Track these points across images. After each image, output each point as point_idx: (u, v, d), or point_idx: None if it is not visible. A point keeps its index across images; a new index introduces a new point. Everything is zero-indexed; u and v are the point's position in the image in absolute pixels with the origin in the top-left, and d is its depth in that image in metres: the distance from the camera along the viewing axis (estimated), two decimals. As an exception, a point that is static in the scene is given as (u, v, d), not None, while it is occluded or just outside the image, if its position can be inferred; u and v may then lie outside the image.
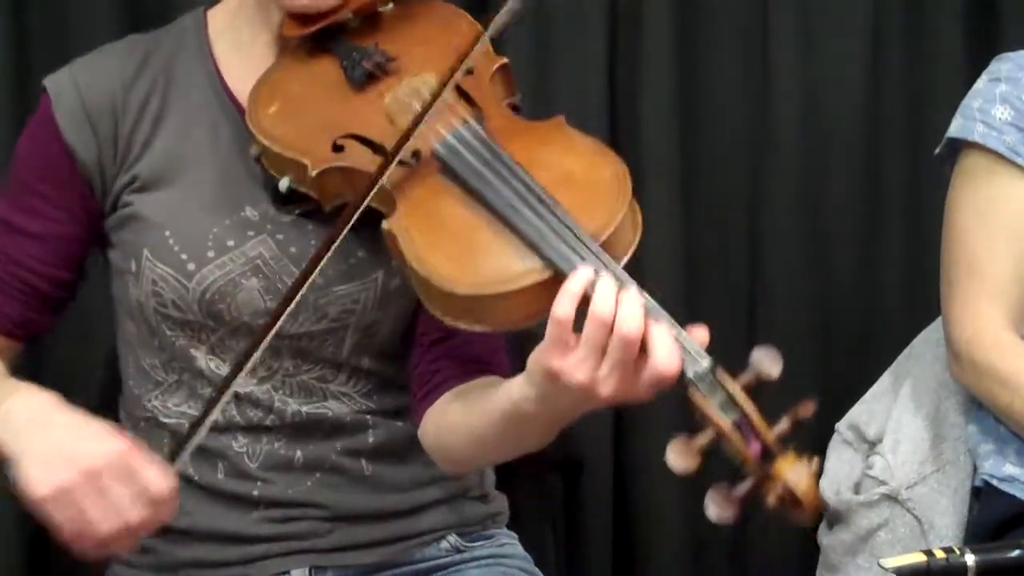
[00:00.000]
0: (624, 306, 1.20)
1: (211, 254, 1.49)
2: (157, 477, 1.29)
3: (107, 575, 1.64)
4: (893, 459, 1.85)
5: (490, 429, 1.39)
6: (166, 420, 1.56)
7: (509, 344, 1.53)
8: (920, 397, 1.88)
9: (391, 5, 1.52)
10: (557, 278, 1.25)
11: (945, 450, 1.84)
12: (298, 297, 1.35)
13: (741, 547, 2.38)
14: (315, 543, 1.57)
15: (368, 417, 1.58)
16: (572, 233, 1.27)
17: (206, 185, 1.51)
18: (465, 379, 1.49)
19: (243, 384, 1.52)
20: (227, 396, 1.37)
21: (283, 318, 1.35)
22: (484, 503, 1.68)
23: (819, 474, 1.20)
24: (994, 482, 1.79)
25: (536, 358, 1.25)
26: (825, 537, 1.92)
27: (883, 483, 1.84)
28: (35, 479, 1.29)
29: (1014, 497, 1.77)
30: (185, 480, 1.55)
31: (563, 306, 1.21)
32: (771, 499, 1.18)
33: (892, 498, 1.83)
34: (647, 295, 1.23)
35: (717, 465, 2.36)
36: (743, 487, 1.19)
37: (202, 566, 1.57)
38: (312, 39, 1.50)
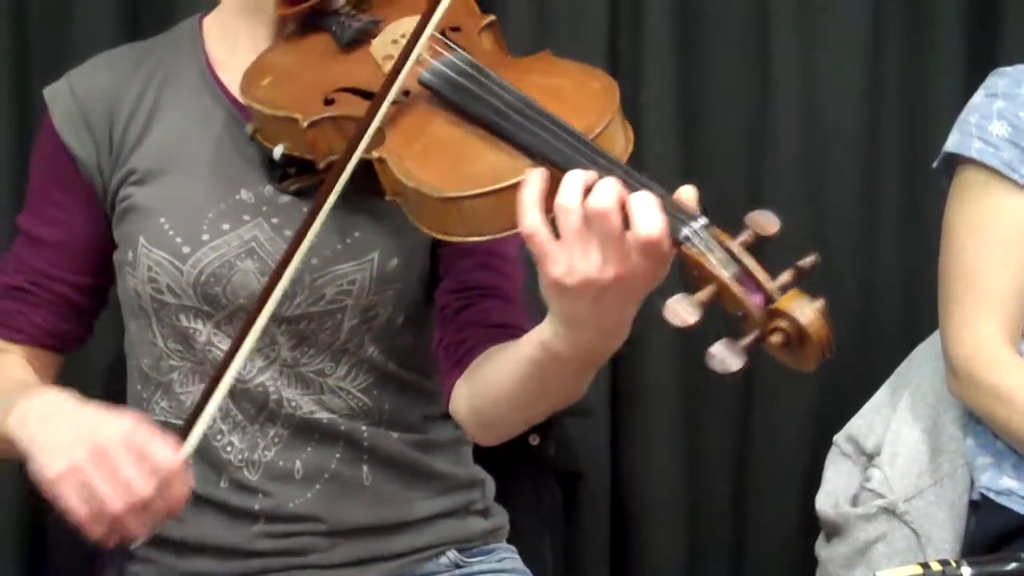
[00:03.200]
0: (598, 188, 1.17)
1: (206, 237, 1.50)
2: (167, 451, 1.30)
3: (107, 582, 1.65)
4: (891, 472, 1.85)
5: (525, 382, 1.36)
6: (176, 421, 1.55)
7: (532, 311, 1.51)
8: (918, 410, 1.88)
9: None
10: (548, 175, 1.23)
11: (943, 463, 1.84)
12: (303, 246, 1.35)
13: (740, 559, 2.38)
14: (314, 559, 1.56)
15: (363, 428, 1.57)
16: (563, 128, 1.26)
17: (200, 173, 1.53)
18: (491, 345, 1.47)
19: (242, 371, 1.53)
20: (234, 367, 1.36)
21: (288, 270, 1.35)
22: (485, 518, 1.67)
23: (826, 313, 1.13)
24: (991, 495, 1.79)
25: (542, 282, 1.22)
26: (823, 550, 1.92)
27: (881, 496, 1.84)
28: (47, 462, 1.31)
29: (1011, 511, 1.77)
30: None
31: (528, 219, 1.19)
32: (775, 338, 1.12)
33: (890, 511, 1.83)
34: (634, 173, 1.20)
35: (714, 468, 2.36)
36: (748, 338, 1.13)
37: (200, 578, 1.57)
38: (305, 23, 1.52)
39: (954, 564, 1.24)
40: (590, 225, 1.16)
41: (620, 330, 1.26)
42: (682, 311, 1.12)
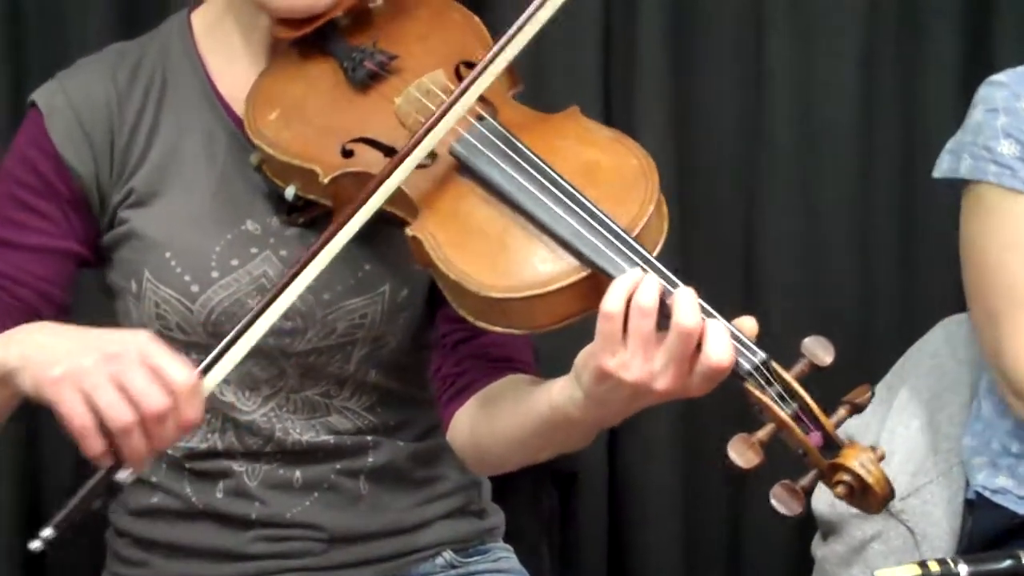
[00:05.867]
0: (680, 300, 1.17)
1: (215, 274, 1.46)
2: (183, 370, 1.21)
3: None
4: (887, 470, 1.85)
5: (532, 433, 1.35)
6: (173, 453, 1.55)
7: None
8: (914, 409, 1.88)
9: (380, 1, 1.50)
10: (595, 276, 1.23)
11: (938, 462, 1.84)
12: (298, 282, 1.30)
13: (736, 559, 2.39)
14: (309, 562, 1.56)
15: (369, 438, 1.57)
16: (606, 227, 1.24)
17: (204, 198, 1.48)
18: (493, 379, 1.46)
19: (245, 412, 1.52)
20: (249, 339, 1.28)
21: (277, 301, 1.30)
22: (481, 519, 1.67)
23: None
24: (987, 494, 1.79)
25: (585, 360, 1.22)
26: (819, 549, 1.92)
27: (877, 494, 1.84)
28: (47, 364, 1.21)
29: (1007, 509, 1.77)
30: (182, 501, 1.56)
31: (614, 301, 1.18)
32: (840, 489, 1.17)
33: (886, 509, 1.83)
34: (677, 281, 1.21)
35: (713, 473, 2.37)
36: (808, 478, 1.17)
37: (196, 581, 1.57)
38: (306, 39, 1.47)
39: (952, 564, 1.24)
40: (669, 339, 1.17)
41: (640, 408, 1.27)
42: (745, 453, 1.16)
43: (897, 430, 1.87)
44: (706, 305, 1.20)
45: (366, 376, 1.55)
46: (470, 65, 1.41)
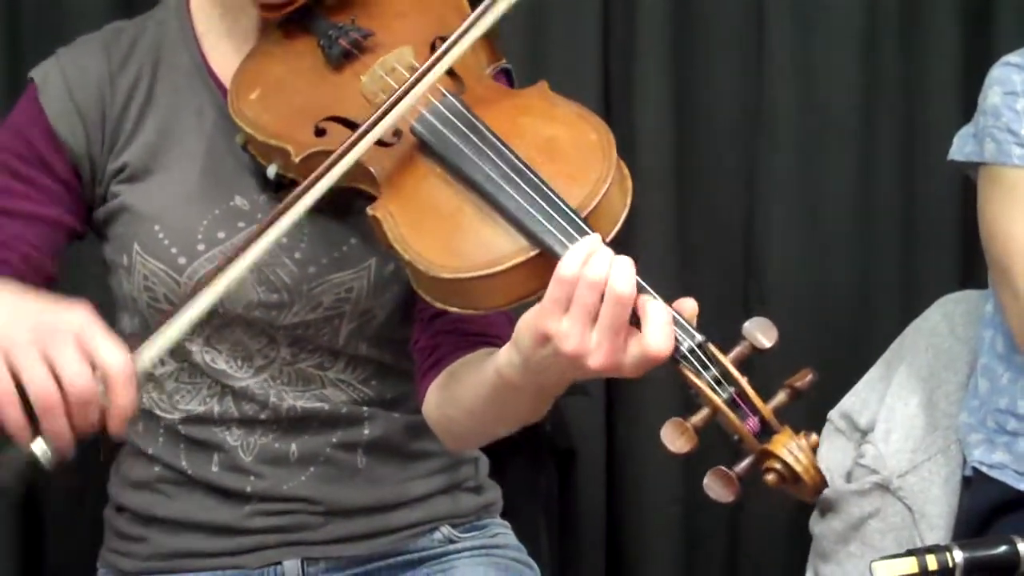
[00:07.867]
0: (616, 268, 1.16)
1: (201, 247, 1.48)
2: (113, 349, 1.18)
3: (99, 565, 1.65)
4: (885, 448, 1.86)
5: (480, 401, 1.35)
6: (161, 415, 1.56)
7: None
8: (912, 386, 1.89)
9: None
10: (544, 256, 1.22)
11: (936, 439, 1.85)
12: (252, 253, 1.29)
13: (735, 535, 2.39)
14: (306, 536, 1.57)
15: (364, 409, 1.58)
16: (558, 208, 1.23)
17: (194, 174, 1.50)
18: (466, 352, 1.46)
19: (240, 378, 1.53)
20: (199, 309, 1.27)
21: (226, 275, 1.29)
22: (478, 494, 1.68)
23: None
24: (984, 469, 1.80)
25: (528, 321, 1.21)
26: (817, 525, 1.93)
27: (875, 472, 1.85)
28: None
29: (1004, 484, 1.78)
30: (179, 473, 1.57)
31: (571, 265, 1.17)
32: (770, 477, 1.15)
33: (883, 487, 1.84)
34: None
35: (711, 451, 2.38)
36: (742, 465, 1.16)
37: (194, 556, 1.57)
38: (290, 18, 1.48)
39: (947, 552, 1.24)
40: (604, 307, 1.16)
41: (576, 380, 1.26)
42: (677, 440, 1.16)
43: (896, 407, 1.88)
44: (644, 284, 1.18)
45: (357, 350, 1.56)
46: (446, 40, 1.42)
